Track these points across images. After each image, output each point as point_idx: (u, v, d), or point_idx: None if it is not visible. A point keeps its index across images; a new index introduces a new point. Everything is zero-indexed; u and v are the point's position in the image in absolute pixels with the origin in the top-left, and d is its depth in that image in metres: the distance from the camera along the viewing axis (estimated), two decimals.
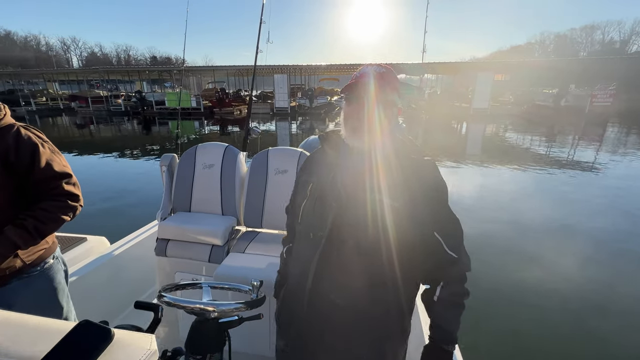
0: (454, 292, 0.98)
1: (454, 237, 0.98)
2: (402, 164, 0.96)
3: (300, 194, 1.12)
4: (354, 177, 0.98)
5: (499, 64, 27.82)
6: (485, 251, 4.31)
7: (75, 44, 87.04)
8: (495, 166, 9.20)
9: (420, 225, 0.93)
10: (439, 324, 0.98)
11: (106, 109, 28.11)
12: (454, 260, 0.96)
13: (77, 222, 1.63)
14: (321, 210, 1.00)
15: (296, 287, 1.06)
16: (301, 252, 1.09)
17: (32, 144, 1.24)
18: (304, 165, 1.19)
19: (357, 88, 0.98)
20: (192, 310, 1.08)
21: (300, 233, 1.09)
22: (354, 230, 0.94)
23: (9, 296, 1.28)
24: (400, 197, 0.92)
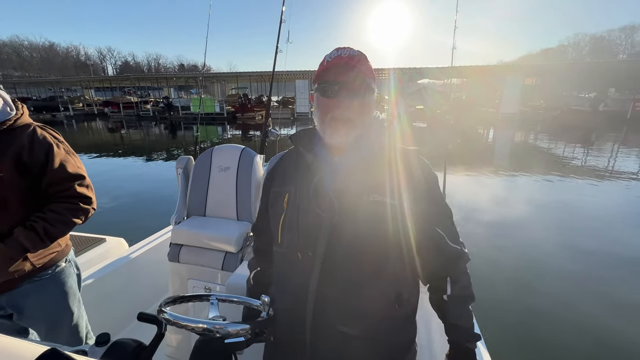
0: (464, 285, 0.89)
1: (453, 229, 0.90)
2: (391, 157, 0.86)
3: (273, 209, 0.95)
4: (342, 179, 0.85)
5: (530, 67, 26.58)
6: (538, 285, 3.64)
7: (111, 53, 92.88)
8: (537, 175, 8.62)
9: (422, 221, 0.84)
10: (455, 324, 0.89)
11: (136, 114, 29.59)
12: (459, 254, 0.88)
13: (100, 222, 1.61)
14: (307, 224, 0.84)
15: (291, 324, 0.90)
16: (288, 278, 0.92)
17: (47, 144, 1.22)
18: (269, 175, 1.03)
19: (331, 75, 0.83)
20: (194, 329, 0.96)
21: (283, 255, 0.93)
22: (354, 240, 0.80)
23: (19, 300, 1.25)
24: (397, 194, 0.82)
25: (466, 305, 0.90)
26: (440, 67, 23.82)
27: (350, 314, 0.84)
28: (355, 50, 0.86)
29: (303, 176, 0.90)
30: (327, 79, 0.84)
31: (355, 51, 0.86)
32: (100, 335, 0.74)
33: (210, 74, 35.16)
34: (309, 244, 0.83)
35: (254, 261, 1.13)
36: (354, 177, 0.84)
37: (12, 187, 1.15)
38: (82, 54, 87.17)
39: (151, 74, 52.89)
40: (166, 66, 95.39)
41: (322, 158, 0.90)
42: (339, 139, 0.85)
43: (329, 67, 0.84)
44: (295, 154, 0.98)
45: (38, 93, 42.63)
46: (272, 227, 0.96)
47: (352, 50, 0.86)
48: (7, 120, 1.17)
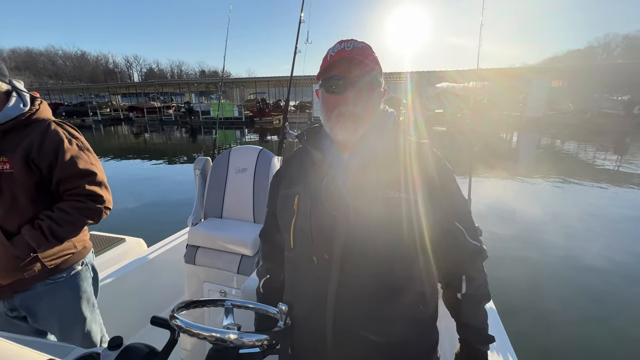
0: (480, 284, 0.85)
1: (471, 223, 0.85)
2: (404, 151, 0.83)
3: (283, 213, 0.91)
4: (354, 176, 0.81)
5: (558, 68, 25.45)
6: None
7: (137, 61, 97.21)
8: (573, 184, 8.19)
9: (439, 216, 0.80)
10: (467, 323, 0.85)
11: (158, 119, 30.71)
12: (478, 250, 0.84)
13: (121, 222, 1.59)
14: (320, 225, 0.80)
15: (309, 332, 0.85)
16: (303, 284, 0.87)
17: (57, 139, 1.18)
18: (277, 177, 0.99)
19: (335, 69, 0.79)
20: (206, 338, 0.90)
21: (297, 260, 0.88)
22: (372, 239, 0.77)
23: (32, 302, 1.22)
24: (412, 189, 0.79)
25: (480, 305, 0.85)
26: (460, 70, 23.28)
27: (375, 318, 0.79)
28: (359, 42, 0.81)
29: (312, 176, 0.86)
30: (332, 74, 0.80)
31: (359, 43, 0.81)
32: (113, 338, 0.72)
33: (229, 80, 36.02)
34: (324, 247, 0.80)
35: (263, 269, 1.09)
36: (366, 173, 0.80)
37: (21, 183, 1.12)
38: (111, 62, 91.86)
39: (174, 80, 54.87)
40: (188, 72, 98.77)
41: (331, 156, 0.86)
42: (346, 136, 0.82)
43: (332, 61, 0.80)
44: (303, 153, 0.94)
45: (70, 99, 45.09)
46: (283, 231, 0.92)
47: (356, 42, 0.81)
48: (20, 116, 1.15)
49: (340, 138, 0.83)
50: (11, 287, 1.17)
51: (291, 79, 2.67)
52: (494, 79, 25.59)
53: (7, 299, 1.19)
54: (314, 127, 0.94)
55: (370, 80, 0.79)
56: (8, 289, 1.17)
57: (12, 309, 1.22)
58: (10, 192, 1.11)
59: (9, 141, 1.12)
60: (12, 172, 1.10)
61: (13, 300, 1.20)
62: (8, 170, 1.09)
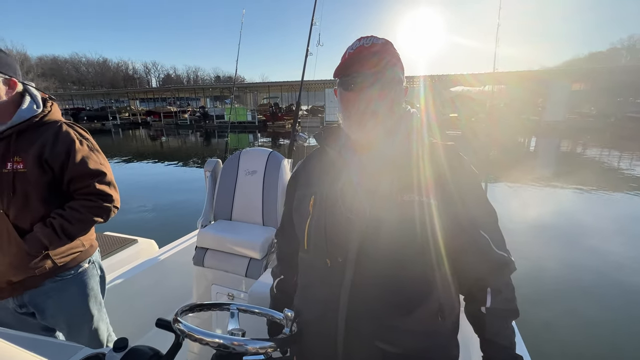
0: (507, 298, 0.79)
1: (498, 233, 0.80)
2: (426, 153, 0.78)
3: (298, 213, 0.89)
4: (372, 178, 0.78)
5: (580, 71, 24.58)
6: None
7: (155, 67, 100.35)
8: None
9: (463, 223, 0.76)
10: (492, 340, 0.78)
11: (174, 123, 31.51)
12: (505, 261, 0.78)
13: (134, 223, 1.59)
14: (335, 228, 0.78)
15: (319, 338, 0.83)
16: (316, 287, 0.85)
17: (69, 140, 1.21)
18: (293, 178, 0.97)
19: (354, 67, 0.76)
20: (208, 344, 0.87)
21: (309, 262, 0.86)
22: (388, 244, 0.73)
23: (41, 299, 1.24)
24: (434, 193, 0.75)
25: (507, 321, 0.79)
26: (475, 74, 22.87)
27: (388, 327, 0.76)
28: (379, 39, 0.78)
29: (329, 177, 0.83)
30: (350, 71, 0.77)
31: (379, 39, 0.78)
32: (118, 340, 0.71)
33: (243, 84, 36.65)
34: (339, 250, 0.77)
35: (278, 269, 1.07)
36: (384, 175, 0.77)
37: (34, 182, 1.14)
38: (130, 68, 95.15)
39: (189, 86, 56.30)
40: (204, 78, 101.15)
41: (349, 156, 0.83)
42: (365, 135, 0.79)
43: (351, 58, 0.77)
44: (320, 154, 0.92)
45: (91, 104, 46.90)
46: (298, 232, 0.90)
47: (376, 38, 0.78)
48: (34, 117, 1.17)
49: (358, 137, 0.81)
50: (22, 284, 1.19)
51: (302, 81, 2.66)
52: (511, 82, 24.99)
53: (17, 295, 1.21)
54: (332, 127, 0.92)
55: (390, 77, 0.76)
56: (19, 286, 1.19)
57: (21, 305, 1.23)
58: (24, 191, 1.13)
59: (23, 142, 1.15)
60: (25, 171, 1.12)
61: (22, 297, 1.22)
62: (21, 169, 1.12)
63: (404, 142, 0.79)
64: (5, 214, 1.12)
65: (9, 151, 1.13)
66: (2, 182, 1.11)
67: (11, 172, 1.12)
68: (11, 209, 1.13)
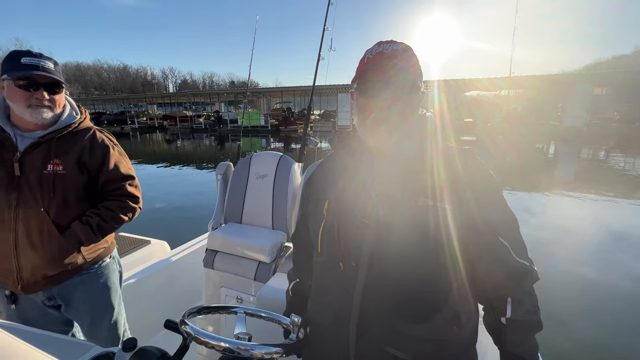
0: (529, 309, 0.75)
1: (519, 240, 0.77)
2: (442, 158, 0.78)
3: (313, 217, 0.90)
4: (386, 182, 0.78)
5: (602, 74, 23.69)
6: None
7: (172, 72, 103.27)
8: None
9: (481, 230, 0.74)
10: (513, 352, 0.75)
11: (190, 127, 32.28)
12: (526, 270, 0.75)
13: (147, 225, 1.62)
14: (349, 232, 0.78)
15: (332, 342, 0.83)
16: (329, 290, 0.85)
17: (104, 146, 1.32)
18: (308, 182, 0.98)
19: (372, 73, 0.77)
20: (214, 347, 0.87)
21: (323, 265, 0.87)
22: (402, 250, 0.73)
23: (68, 292, 1.31)
24: (449, 198, 0.73)
25: (530, 334, 0.76)
26: (491, 78, 22.45)
27: (400, 334, 0.75)
28: (398, 44, 0.78)
29: (343, 181, 0.84)
30: (368, 77, 0.77)
31: (398, 45, 0.78)
32: (127, 340, 0.73)
33: (256, 89, 37.22)
34: (352, 254, 0.77)
35: (293, 272, 1.09)
36: (399, 180, 0.76)
37: (73, 184, 1.23)
38: (149, 74, 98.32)
39: (204, 91, 57.65)
40: (219, 83, 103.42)
41: (363, 161, 0.83)
42: (380, 141, 0.79)
43: (369, 64, 0.78)
44: (335, 158, 0.92)
45: (111, 109, 48.66)
46: (312, 236, 0.90)
47: (395, 44, 0.78)
48: (73, 123, 1.28)
49: (373, 142, 0.81)
50: (55, 278, 1.26)
51: (314, 86, 2.67)
52: (529, 86, 24.38)
53: (48, 288, 1.27)
54: (346, 132, 0.92)
55: (407, 83, 0.76)
56: (51, 280, 1.26)
57: (49, 297, 1.30)
58: (63, 191, 1.21)
59: (62, 146, 1.24)
60: (64, 173, 1.21)
61: (52, 290, 1.29)
62: (61, 171, 1.21)
63: (418, 147, 0.79)
64: (46, 212, 1.19)
65: (50, 154, 1.21)
66: (43, 182, 1.19)
67: (52, 174, 1.20)
68: (51, 207, 1.20)
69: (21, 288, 1.22)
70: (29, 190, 1.17)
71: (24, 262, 1.19)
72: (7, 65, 1.15)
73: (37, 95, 1.16)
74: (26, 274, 1.21)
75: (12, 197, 1.16)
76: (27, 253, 1.19)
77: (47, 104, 1.19)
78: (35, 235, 1.19)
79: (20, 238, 1.18)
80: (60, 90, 1.24)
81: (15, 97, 1.15)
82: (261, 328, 1.15)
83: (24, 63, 1.13)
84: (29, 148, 1.19)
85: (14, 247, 1.18)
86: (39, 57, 1.17)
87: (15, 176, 1.16)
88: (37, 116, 1.18)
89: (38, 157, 1.19)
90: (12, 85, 1.14)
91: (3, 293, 1.28)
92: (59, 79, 1.21)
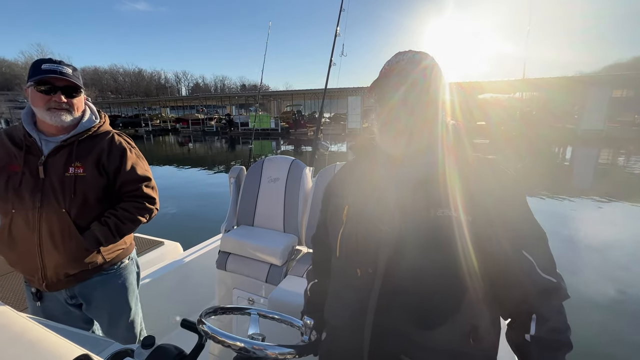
0: (555, 327, 0.71)
1: (546, 254, 0.74)
2: (462, 167, 0.76)
3: (332, 221, 0.91)
4: (405, 191, 0.77)
5: (620, 77, 22.96)
6: None
7: (185, 76, 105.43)
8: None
9: (503, 242, 0.72)
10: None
11: (201, 130, 32.81)
12: (552, 287, 0.72)
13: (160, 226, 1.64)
14: (367, 238, 0.78)
15: (347, 344, 0.83)
16: (346, 294, 0.86)
17: (122, 149, 1.36)
18: (329, 188, 0.99)
19: (391, 83, 0.77)
20: (230, 347, 0.90)
21: (341, 269, 0.88)
22: (419, 259, 0.72)
23: (89, 291, 1.35)
24: (470, 209, 0.71)
25: (557, 354, 0.71)
26: (505, 80, 22.06)
27: (414, 343, 0.74)
28: (417, 55, 0.79)
29: (363, 188, 0.84)
30: (386, 87, 0.78)
31: (418, 55, 0.79)
32: (146, 337, 0.75)
33: (267, 93, 37.62)
34: (369, 260, 0.77)
35: (312, 272, 1.11)
36: (418, 189, 0.75)
37: (92, 185, 1.27)
38: (163, 78, 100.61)
39: (216, 94, 58.59)
40: (230, 87, 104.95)
41: (383, 169, 0.83)
42: (399, 150, 0.79)
43: (388, 74, 0.78)
44: (356, 164, 0.93)
45: (126, 112, 49.96)
46: (332, 239, 0.91)
47: (415, 54, 0.79)
48: (92, 127, 1.32)
49: (392, 152, 0.81)
50: (76, 277, 1.31)
51: (325, 91, 2.70)
52: (545, 89, 23.82)
53: (70, 287, 1.33)
54: (368, 138, 0.92)
55: (427, 92, 0.76)
56: (73, 279, 1.31)
57: (72, 296, 1.35)
58: (83, 192, 1.26)
59: (82, 149, 1.29)
60: (84, 175, 1.26)
61: (74, 289, 1.34)
62: (81, 174, 1.26)
63: (439, 156, 0.77)
64: (68, 213, 1.24)
65: (71, 157, 1.25)
66: (65, 184, 1.23)
67: (73, 176, 1.24)
68: (72, 208, 1.24)
69: (45, 286, 1.27)
70: (51, 192, 1.22)
71: (47, 261, 1.24)
72: (31, 72, 1.20)
73: (55, 98, 1.20)
74: (49, 272, 1.26)
75: (36, 199, 1.20)
76: (50, 252, 1.24)
77: (65, 106, 1.23)
78: (57, 235, 1.23)
79: (43, 238, 1.22)
80: (78, 94, 1.27)
81: (37, 102, 1.20)
82: (272, 329, 1.17)
83: (44, 69, 1.18)
84: (52, 152, 1.24)
85: (38, 246, 1.23)
86: (58, 63, 1.21)
87: (40, 179, 1.21)
88: (56, 119, 1.22)
89: (60, 160, 1.24)
90: (34, 90, 1.20)
91: (30, 290, 1.34)
92: (76, 83, 1.24)
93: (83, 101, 1.32)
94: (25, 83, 1.24)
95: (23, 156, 1.23)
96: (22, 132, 1.25)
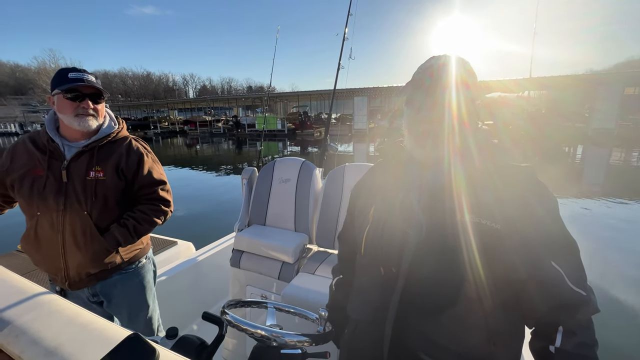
0: (582, 342, 0.68)
1: (576, 267, 0.71)
2: (493, 174, 0.74)
3: (358, 220, 0.94)
4: (432, 196, 0.78)
5: (633, 74, 22.44)
6: None
7: (192, 78, 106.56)
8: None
9: (531, 252, 0.70)
10: None
11: (209, 131, 33.16)
12: (581, 300, 0.69)
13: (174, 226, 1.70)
14: (392, 239, 0.80)
15: (369, 339, 0.85)
16: (369, 290, 0.88)
17: (139, 154, 1.42)
18: (357, 189, 1.01)
19: (422, 87, 0.78)
20: (253, 334, 0.97)
21: (365, 267, 0.90)
22: (441, 263, 0.73)
23: (109, 289, 1.43)
24: (499, 217, 0.70)
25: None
26: (513, 79, 21.81)
27: (433, 342, 0.76)
28: (450, 58, 0.79)
29: (390, 190, 0.86)
30: (417, 91, 0.79)
31: (450, 59, 0.78)
32: (170, 328, 0.81)
33: (273, 94, 37.83)
34: (393, 260, 0.79)
35: (338, 268, 1.14)
36: (444, 194, 0.76)
37: (112, 188, 1.33)
38: (170, 81, 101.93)
39: (223, 96, 59.14)
40: (237, 89, 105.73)
41: (411, 172, 0.84)
42: (427, 154, 0.80)
43: (419, 78, 0.79)
44: (384, 167, 0.95)
45: (135, 114, 50.72)
46: (357, 237, 0.93)
47: (447, 58, 0.78)
48: (112, 133, 1.38)
49: (420, 156, 0.81)
50: (96, 276, 1.38)
51: (333, 94, 2.76)
52: (554, 87, 23.46)
53: (92, 285, 1.40)
54: (397, 141, 0.93)
55: (458, 97, 0.75)
56: (94, 278, 1.38)
57: (93, 294, 1.43)
58: (103, 195, 1.32)
59: (102, 154, 1.35)
60: (104, 179, 1.32)
61: (95, 287, 1.41)
62: (102, 177, 1.32)
63: (469, 161, 0.76)
64: (89, 215, 1.30)
65: (92, 162, 1.31)
66: (86, 188, 1.29)
67: (94, 180, 1.30)
68: (93, 210, 1.30)
69: (68, 285, 1.33)
70: (74, 195, 1.27)
71: (70, 261, 1.30)
72: (57, 80, 1.25)
73: (83, 104, 1.27)
74: (72, 272, 1.32)
75: (60, 202, 1.26)
76: (73, 252, 1.29)
77: (91, 112, 1.29)
78: (79, 236, 1.29)
79: (67, 239, 1.28)
80: (102, 100, 1.34)
81: (65, 109, 1.26)
82: (286, 323, 1.24)
83: (71, 77, 1.24)
84: (75, 156, 1.29)
85: (62, 247, 1.29)
86: (83, 71, 1.27)
87: (63, 182, 1.27)
88: (84, 124, 1.28)
89: (82, 164, 1.30)
90: (62, 98, 1.25)
91: (54, 289, 1.40)
92: (101, 89, 1.31)
93: (104, 108, 1.39)
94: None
95: (47, 161, 1.28)
96: (45, 137, 1.30)
